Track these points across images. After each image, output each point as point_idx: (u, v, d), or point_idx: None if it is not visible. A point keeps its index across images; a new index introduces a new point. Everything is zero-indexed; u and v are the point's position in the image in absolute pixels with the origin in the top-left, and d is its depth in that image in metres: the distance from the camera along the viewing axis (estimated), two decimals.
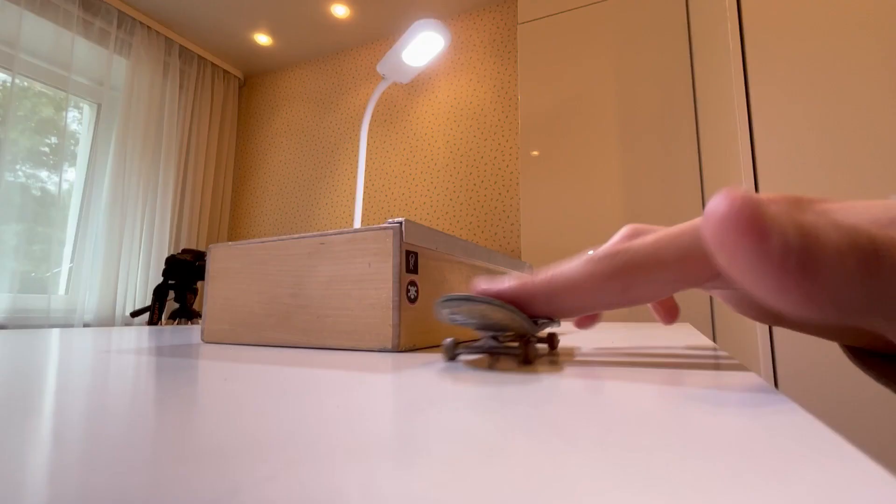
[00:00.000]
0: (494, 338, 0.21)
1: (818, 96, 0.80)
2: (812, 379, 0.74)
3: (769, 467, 0.08)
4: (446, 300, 0.19)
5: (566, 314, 0.19)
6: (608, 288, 0.17)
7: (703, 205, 1.26)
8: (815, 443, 0.09)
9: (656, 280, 0.16)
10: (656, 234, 0.16)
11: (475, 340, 0.22)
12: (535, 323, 0.19)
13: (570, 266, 0.18)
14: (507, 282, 0.19)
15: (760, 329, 0.78)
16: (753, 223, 0.11)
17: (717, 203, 0.12)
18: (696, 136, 1.30)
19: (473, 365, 0.21)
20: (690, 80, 1.32)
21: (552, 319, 0.20)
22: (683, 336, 0.41)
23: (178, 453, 0.08)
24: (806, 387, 0.74)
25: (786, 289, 0.11)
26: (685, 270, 0.16)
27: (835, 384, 0.72)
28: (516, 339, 0.21)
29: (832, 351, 0.73)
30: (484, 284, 0.19)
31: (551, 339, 0.25)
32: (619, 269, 0.17)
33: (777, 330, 0.77)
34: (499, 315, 0.19)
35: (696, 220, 0.15)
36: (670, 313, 0.26)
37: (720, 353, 0.27)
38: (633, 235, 0.21)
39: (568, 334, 0.44)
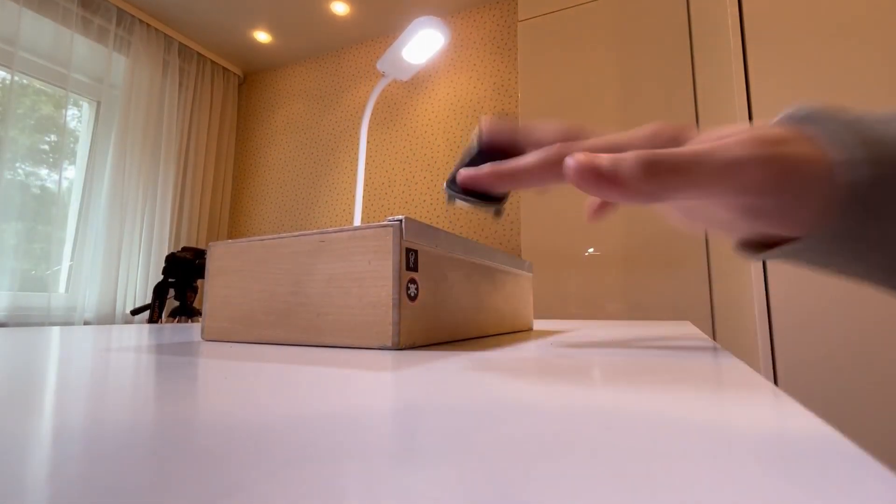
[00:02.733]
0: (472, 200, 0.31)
1: (819, 92, 0.79)
2: (811, 375, 0.74)
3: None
4: (449, 185, 0.29)
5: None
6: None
7: None
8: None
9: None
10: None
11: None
12: (490, 199, 0.29)
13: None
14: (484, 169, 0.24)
15: (760, 326, 0.79)
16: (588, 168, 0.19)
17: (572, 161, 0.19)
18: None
19: (474, 350, 0.21)
20: (691, 77, 1.32)
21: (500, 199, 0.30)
22: (682, 332, 0.41)
23: (178, 450, 0.08)
24: (805, 383, 0.74)
25: (620, 189, 0.18)
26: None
27: (834, 380, 0.73)
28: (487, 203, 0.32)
29: (831, 347, 0.74)
30: (473, 172, 0.25)
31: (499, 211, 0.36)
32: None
33: (776, 327, 0.78)
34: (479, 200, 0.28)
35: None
36: (603, 210, 0.30)
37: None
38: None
39: (570, 332, 0.44)
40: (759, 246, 0.21)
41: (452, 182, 0.27)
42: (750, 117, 0.84)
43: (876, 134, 0.17)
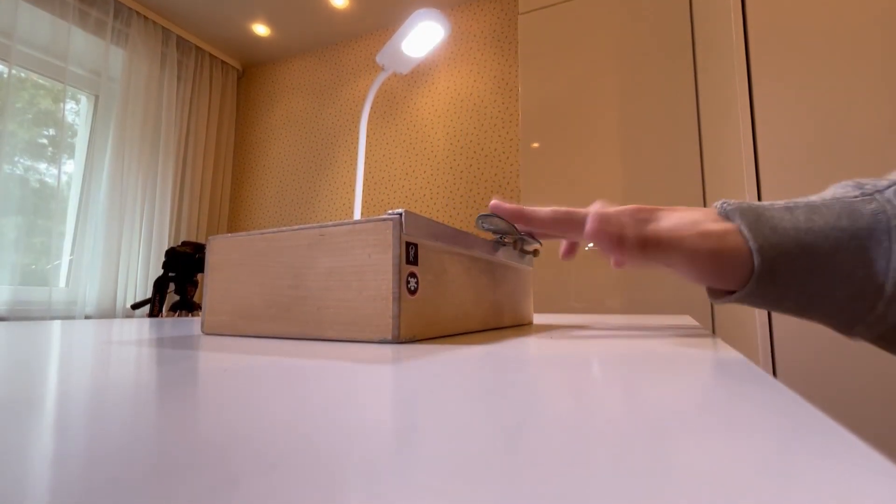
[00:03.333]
0: (500, 238, 0.40)
1: (821, 90, 0.79)
2: (811, 371, 0.74)
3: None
4: (481, 217, 0.37)
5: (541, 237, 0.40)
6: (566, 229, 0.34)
7: (705, 196, 1.25)
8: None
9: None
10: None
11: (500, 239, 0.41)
12: (522, 235, 0.39)
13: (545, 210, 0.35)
14: (510, 204, 0.36)
15: (760, 323, 0.79)
16: (602, 231, 0.28)
17: (589, 221, 0.29)
18: (697, 127, 1.29)
19: (476, 344, 0.21)
20: (692, 72, 1.31)
21: (535, 239, 0.40)
22: (682, 326, 0.41)
23: (179, 444, 0.08)
24: (805, 379, 0.74)
25: (626, 258, 0.28)
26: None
27: (833, 376, 0.73)
28: (514, 242, 0.41)
29: (830, 344, 0.74)
30: (500, 203, 0.36)
31: (535, 251, 0.46)
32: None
33: (776, 323, 0.78)
34: (503, 224, 0.37)
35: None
36: (572, 252, 0.42)
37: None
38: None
39: (570, 325, 0.44)
40: (717, 293, 0.30)
41: (484, 217, 0.37)
42: (751, 114, 0.84)
43: (775, 223, 0.25)
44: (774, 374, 0.76)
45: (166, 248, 2.20)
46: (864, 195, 0.24)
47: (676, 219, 0.28)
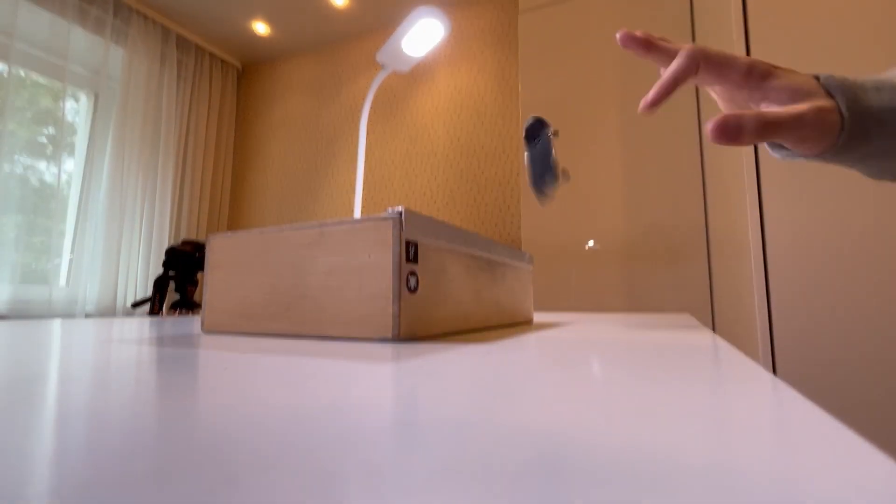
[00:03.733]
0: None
1: None
2: (810, 369, 0.74)
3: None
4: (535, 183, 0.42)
5: None
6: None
7: (704, 194, 1.25)
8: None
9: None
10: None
11: None
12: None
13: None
14: None
15: (760, 320, 0.79)
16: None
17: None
18: (697, 126, 1.29)
19: (475, 342, 0.21)
20: None
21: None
22: (682, 324, 0.41)
23: (179, 441, 0.08)
24: (804, 376, 0.74)
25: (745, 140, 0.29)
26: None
27: (833, 374, 0.73)
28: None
29: (830, 342, 0.74)
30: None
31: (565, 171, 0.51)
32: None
33: (776, 322, 0.78)
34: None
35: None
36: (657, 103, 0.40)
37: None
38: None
39: (570, 324, 0.44)
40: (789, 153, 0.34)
41: (539, 179, 0.37)
42: None
43: (859, 93, 0.30)
44: (774, 370, 0.76)
45: (166, 246, 2.20)
46: None
47: (792, 90, 0.31)
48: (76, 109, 2.23)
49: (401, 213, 0.29)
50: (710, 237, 1.21)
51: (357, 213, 1.47)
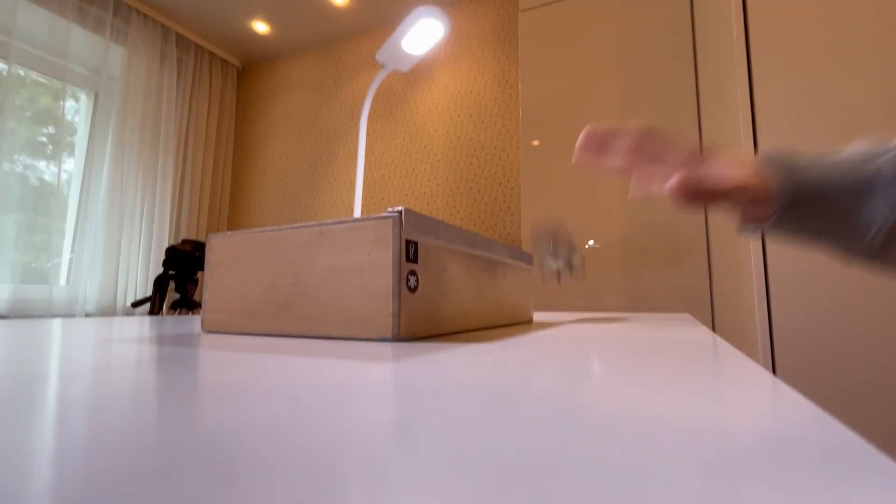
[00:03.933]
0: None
1: (822, 89, 0.79)
2: (810, 369, 0.74)
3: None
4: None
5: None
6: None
7: None
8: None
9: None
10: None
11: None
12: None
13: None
14: None
15: (760, 320, 0.79)
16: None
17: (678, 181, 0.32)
18: (698, 125, 1.29)
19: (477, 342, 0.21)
20: (693, 70, 1.31)
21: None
22: (682, 324, 0.41)
23: (179, 441, 0.08)
24: (804, 376, 0.75)
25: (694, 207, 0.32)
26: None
27: (833, 374, 0.73)
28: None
29: (830, 342, 0.74)
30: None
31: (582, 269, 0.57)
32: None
33: (776, 321, 0.78)
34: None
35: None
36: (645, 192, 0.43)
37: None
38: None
39: (570, 324, 0.44)
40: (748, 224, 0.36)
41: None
42: (752, 113, 0.83)
43: (800, 172, 0.32)
44: (774, 371, 0.76)
45: (166, 245, 2.20)
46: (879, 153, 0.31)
47: (731, 169, 0.34)
48: (76, 108, 2.23)
49: (401, 213, 0.29)
50: (710, 237, 1.21)
51: (357, 213, 1.47)
